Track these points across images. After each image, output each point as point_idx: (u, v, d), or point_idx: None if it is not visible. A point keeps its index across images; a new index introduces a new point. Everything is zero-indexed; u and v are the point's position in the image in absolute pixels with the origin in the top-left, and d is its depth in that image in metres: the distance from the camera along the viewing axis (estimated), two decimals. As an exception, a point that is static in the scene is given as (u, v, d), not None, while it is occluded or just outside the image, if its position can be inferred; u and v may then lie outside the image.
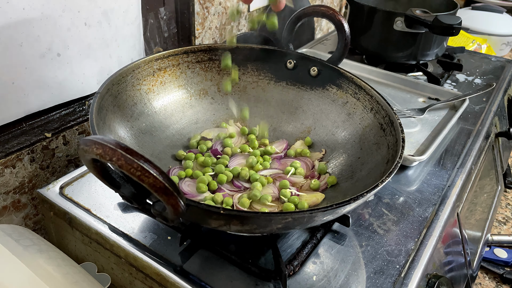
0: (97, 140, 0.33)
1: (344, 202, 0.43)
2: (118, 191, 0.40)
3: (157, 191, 0.33)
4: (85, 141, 0.34)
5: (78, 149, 0.35)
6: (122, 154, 0.32)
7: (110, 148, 0.33)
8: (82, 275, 0.52)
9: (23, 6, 0.58)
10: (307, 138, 0.69)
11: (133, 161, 0.32)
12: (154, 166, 0.33)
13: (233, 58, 0.71)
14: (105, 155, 0.33)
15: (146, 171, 0.33)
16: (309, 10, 0.69)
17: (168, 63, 0.67)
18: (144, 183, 0.33)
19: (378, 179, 0.48)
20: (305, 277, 0.51)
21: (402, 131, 0.55)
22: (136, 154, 0.33)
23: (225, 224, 0.43)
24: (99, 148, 0.33)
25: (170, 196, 0.34)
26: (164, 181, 0.33)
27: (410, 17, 0.94)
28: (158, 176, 0.33)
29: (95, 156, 0.33)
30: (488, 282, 1.24)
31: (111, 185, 0.39)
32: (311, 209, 0.42)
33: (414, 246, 0.56)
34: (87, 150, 0.34)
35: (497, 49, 1.82)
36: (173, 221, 0.38)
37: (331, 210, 0.42)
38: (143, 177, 0.33)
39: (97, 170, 0.37)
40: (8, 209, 0.67)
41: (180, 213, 0.35)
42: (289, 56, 0.72)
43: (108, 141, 0.33)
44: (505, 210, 1.52)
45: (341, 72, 0.68)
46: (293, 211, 0.42)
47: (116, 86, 0.59)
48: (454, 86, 1.04)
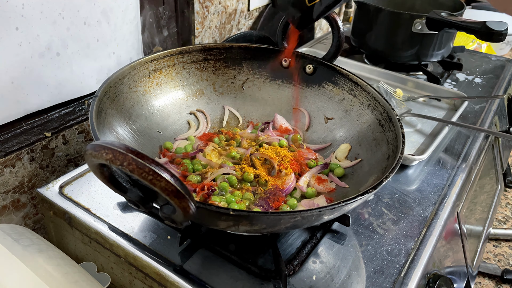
0: (106, 145, 0.33)
1: (350, 199, 0.43)
2: (125, 195, 0.39)
3: (169, 195, 0.33)
4: (93, 146, 0.33)
5: (85, 154, 0.34)
6: (133, 159, 0.32)
7: (120, 152, 0.32)
8: (82, 274, 0.52)
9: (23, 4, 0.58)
10: (295, 136, 0.69)
11: (145, 165, 0.32)
12: (166, 170, 0.33)
13: (228, 58, 0.72)
14: (116, 160, 0.32)
15: (158, 174, 0.32)
16: None
17: (163, 64, 0.67)
18: (156, 186, 0.33)
19: (380, 175, 0.48)
20: (305, 277, 0.51)
21: (401, 127, 0.55)
22: (147, 158, 0.32)
23: (234, 225, 0.43)
24: (109, 153, 0.32)
25: (182, 199, 0.34)
26: (176, 185, 0.33)
27: (435, 20, 0.93)
28: (170, 179, 0.33)
29: (104, 161, 0.33)
30: (487, 282, 1.24)
31: (118, 189, 0.39)
32: (320, 207, 0.42)
33: (414, 246, 0.56)
34: (95, 155, 0.33)
35: (497, 48, 1.82)
36: (182, 224, 0.37)
37: (338, 207, 0.42)
38: (155, 181, 0.32)
39: (104, 175, 0.37)
40: (7, 209, 0.67)
41: (190, 215, 0.35)
42: (284, 55, 0.72)
43: (118, 146, 0.33)
44: (505, 209, 1.52)
45: (336, 69, 0.68)
46: (301, 210, 0.42)
47: (113, 88, 0.59)
48: (454, 86, 1.04)
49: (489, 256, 1.33)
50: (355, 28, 1.13)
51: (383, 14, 1.02)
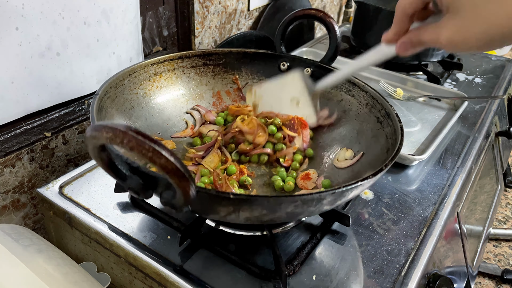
0: (107, 124, 0.33)
1: (351, 184, 0.43)
2: (124, 183, 0.39)
3: (169, 172, 0.33)
4: (94, 127, 0.33)
5: (86, 137, 0.34)
6: (133, 136, 0.32)
7: (120, 130, 0.32)
8: (82, 274, 0.52)
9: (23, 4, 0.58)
10: None
11: (145, 143, 0.32)
12: (166, 148, 0.33)
13: (227, 63, 0.72)
14: (116, 138, 0.32)
15: (157, 152, 0.32)
16: (299, 13, 0.70)
17: (163, 68, 0.68)
18: (156, 164, 0.32)
19: (380, 167, 0.48)
20: (305, 277, 0.51)
21: (399, 121, 0.55)
22: (147, 136, 0.32)
23: (234, 211, 0.43)
24: (109, 132, 0.32)
25: (182, 178, 0.33)
26: (176, 162, 0.33)
27: None
28: (169, 157, 0.32)
29: (104, 140, 0.33)
30: (487, 282, 1.24)
31: (117, 176, 0.39)
32: (320, 191, 0.42)
33: (414, 246, 0.56)
34: (96, 136, 0.33)
35: (497, 48, 1.81)
36: (181, 209, 0.37)
37: (339, 192, 0.42)
38: (155, 158, 0.32)
39: (104, 161, 0.37)
40: (7, 209, 0.67)
41: (190, 198, 0.35)
42: (282, 59, 0.72)
43: (118, 125, 0.33)
44: (505, 210, 1.52)
45: (334, 72, 0.68)
46: (302, 194, 0.42)
47: (114, 89, 0.59)
48: (454, 86, 1.04)
49: (489, 256, 1.33)
50: (355, 28, 1.13)
51: (383, 14, 1.02)
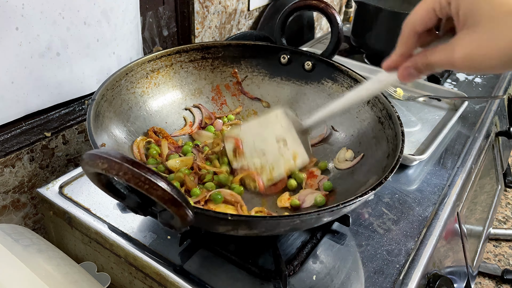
0: (102, 154, 0.33)
1: (349, 201, 0.43)
2: (123, 201, 0.40)
3: (166, 203, 0.33)
4: (89, 156, 0.33)
5: (82, 163, 0.34)
6: (128, 168, 0.32)
7: (115, 162, 0.32)
8: (82, 274, 0.52)
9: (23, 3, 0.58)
10: None
11: (141, 175, 0.32)
12: (162, 178, 0.33)
13: (226, 56, 0.71)
14: (111, 169, 0.32)
15: (154, 183, 0.32)
16: (300, 3, 0.68)
17: (161, 64, 0.67)
18: (153, 195, 0.32)
19: (380, 174, 0.48)
20: (305, 277, 0.51)
21: (401, 125, 0.55)
22: (143, 167, 0.32)
23: (233, 229, 0.43)
24: (105, 163, 0.32)
25: (179, 207, 0.34)
26: (173, 193, 0.33)
27: None
28: (166, 188, 0.33)
29: (100, 170, 0.33)
30: (488, 282, 1.24)
31: (116, 196, 0.39)
32: (318, 210, 0.42)
33: (414, 246, 0.56)
34: (92, 165, 0.33)
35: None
36: (180, 229, 0.37)
37: (337, 210, 0.42)
38: (151, 190, 0.32)
39: (101, 183, 0.37)
40: (7, 209, 0.66)
41: (188, 222, 0.35)
42: (282, 51, 0.71)
43: (113, 155, 0.32)
44: (505, 209, 1.52)
45: (335, 66, 0.68)
46: (300, 213, 0.42)
47: (110, 91, 0.58)
48: (454, 85, 1.04)
49: (489, 256, 1.33)
50: (355, 28, 1.13)
51: (383, 14, 1.01)
